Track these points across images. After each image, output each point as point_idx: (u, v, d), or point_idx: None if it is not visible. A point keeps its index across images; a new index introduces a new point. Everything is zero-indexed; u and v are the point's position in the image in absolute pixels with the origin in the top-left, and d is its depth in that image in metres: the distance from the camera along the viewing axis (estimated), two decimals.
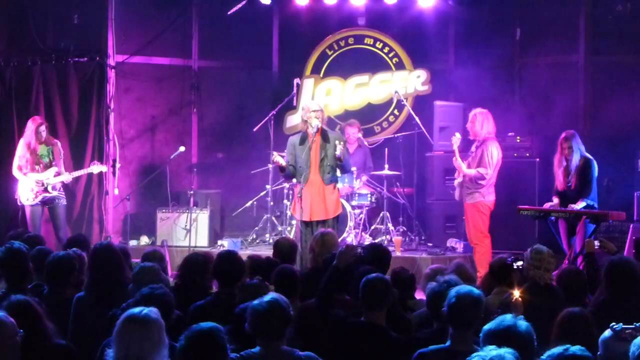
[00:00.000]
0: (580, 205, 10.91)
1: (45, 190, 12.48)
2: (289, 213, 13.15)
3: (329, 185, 11.13)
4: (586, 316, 5.94)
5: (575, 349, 4.61)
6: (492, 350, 4.50)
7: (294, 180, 11.48)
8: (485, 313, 6.06)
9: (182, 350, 4.99)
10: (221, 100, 15.42)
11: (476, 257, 11.77)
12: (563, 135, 11.28)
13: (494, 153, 11.77)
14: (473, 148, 11.96)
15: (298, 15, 15.31)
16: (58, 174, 12.55)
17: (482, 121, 11.84)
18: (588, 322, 5.89)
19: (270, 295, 5.72)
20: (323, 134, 11.07)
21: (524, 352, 4.77)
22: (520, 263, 7.41)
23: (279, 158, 11.22)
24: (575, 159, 11.06)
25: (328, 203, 11.11)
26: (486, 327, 5.06)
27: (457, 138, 12.02)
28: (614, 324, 5.38)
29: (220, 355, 5.03)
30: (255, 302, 5.67)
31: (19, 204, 12.63)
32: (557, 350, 4.61)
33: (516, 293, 6.35)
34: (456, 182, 12.07)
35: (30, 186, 12.45)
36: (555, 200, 11.27)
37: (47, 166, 12.53)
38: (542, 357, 4.62)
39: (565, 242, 11.21)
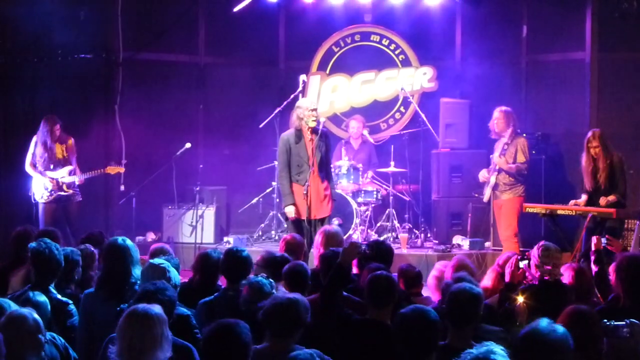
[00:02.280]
0: (611, 198, 10.84)
1: (60, 188, 12.52)
2: None
3: (323, 183, 11.18)
4: (592, 314, 5.91)
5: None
6: (483, 346, 4.50)
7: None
8: (489, 310, 6.08)
9: (208, 342, 5.09)
10: (227, 97, 15.43)
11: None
12: (589, 134, 11.17)
13: (527, 147, 11.85)
14: (503, 145, 11.88)
15: (304, 12, 15.31)
16: (73, 172, 12.58)
17: (508, 119, 11.89)
18: (594, 319, 5.86)
19: (293, 295, 5.77)
20: (317, 133, 11.10)
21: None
22: (525, 262, 7.40)
23: (291, 212, 11.23)
24: (603, 158, 10.97)
25: (326, 200, 11.18)
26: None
27: (502, 141, 11.98)
28: (605, 321, 5.38)
29: (244, 349, 5.09)
30: (276, 296, 5.73)
31: (33, 201, 12.65)
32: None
33: (520, 299, 6.34)
34: (492, 181, 11.97)
35: (45, 184, 12.48)
36: (584, 197, 11.14)
37: (61, 164, 12.57)
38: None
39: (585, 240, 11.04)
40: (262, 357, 5.57)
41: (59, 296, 7.15)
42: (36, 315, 5.46)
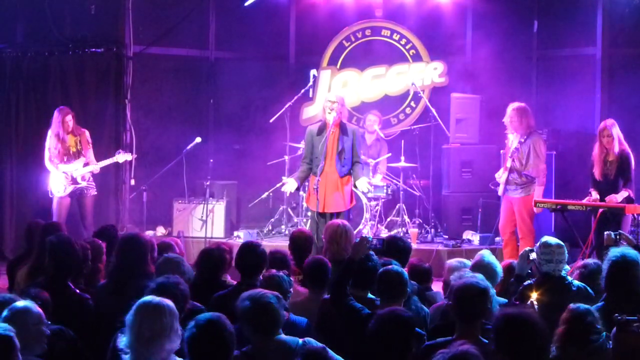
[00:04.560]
0: (622, 195, 10.81)
1: (75, 181, 12.51)
2: (304, 204, 13.12)
3: (344, 177, 11.11)
4: (587, 312, 5.89)
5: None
6: (457, 345, 4.52)
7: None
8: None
9: (192, 338, 5.10)
10: (238, 91, 15.43)
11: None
12: (602, 124, 11.16)
13: (542, 146, 11.77)
14: (516, 144, 11.79)
15: (315, 7, 15.32)
16: (87, 164, 12.57)
17: (521, 116, 11.73)
18: (589, 317, 5.84)
19: (258, 291, 5.78)
20: (341, 126, 11.05)
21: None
22: (534, 255, 7.37)
23: (287, 187, 11.46)
24: (615, 149, 10.93)
25: (343, 195, 11.08)
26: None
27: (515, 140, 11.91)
28: (617, 315, 5.36)
29: (228, 343, 5.11)
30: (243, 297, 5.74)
31: (50, 195, 12.63)
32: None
33: (534, 295, 6.33)
34: (502, 178, 11.91)
35: (61, 177, 12.47)
36: (595, 194, 11.10)
37: (76, 156, 12.56)
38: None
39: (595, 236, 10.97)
40: (252, 355, 5.61)
41: (78, 291, 7.17)
42: (38, 308, 5.51)
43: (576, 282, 7.26)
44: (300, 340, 5.67)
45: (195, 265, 8.04)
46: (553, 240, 7.32)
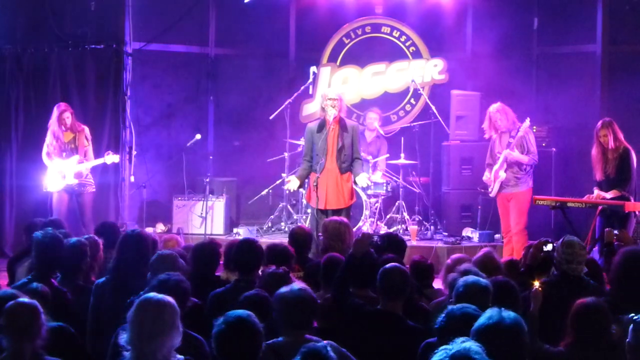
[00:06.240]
0: (610, 195, 10.82)
1: (69, 177, 12.47)
2: (304, 201, 13.12)
3: (344, 174, 11.11)
4: (601, 306, 5.90)
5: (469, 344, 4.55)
6: (459, 342, 4.49)
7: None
8: None
9: (221, 335, 5.08)
10: (238, 88, 15.41)
11: (516, 247, 11.60)
12: (599, 124, 11.15)
13: (533, 139, 11.94)
14: (508, 139, 11.84)
15: (315, 3, 15.32)
16: (81, 161, 12.53)
17: (505, 113, 11.89)
18: (603, 312, 5.85)
19: (298, 285, 5.75)
20: (341, 123, 11.05)
21: (513, 344, 4.78)
22: (550, 247, 7.32)
23: (290, 185, 11.54)
24: (611, 144, 10.91)
25: (343, 192, 11.09)
26: (475, 325, 4.93)
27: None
28: (632, 315, 5.35)
29: (257, 341, 5.11)
30: (284, 291, 5.71)
31: (44, 190, 12.61)
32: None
33: (536, 284, 6.32)
34: (501, 176, 11.90)
35: (55, 173, 12.45)
36: (597, 192, 11.09)
37: (73, 152, 12.53)
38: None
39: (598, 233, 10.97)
40: (280, 350, 5.58)
41: (59, 286, 7.16)
42: (37, 303, 5.52)
43: (592, 282, 7.22)
44: (325, 342, 5.66)
45: (189, 261, 8.03)
46: (576, 241, 7.25)
